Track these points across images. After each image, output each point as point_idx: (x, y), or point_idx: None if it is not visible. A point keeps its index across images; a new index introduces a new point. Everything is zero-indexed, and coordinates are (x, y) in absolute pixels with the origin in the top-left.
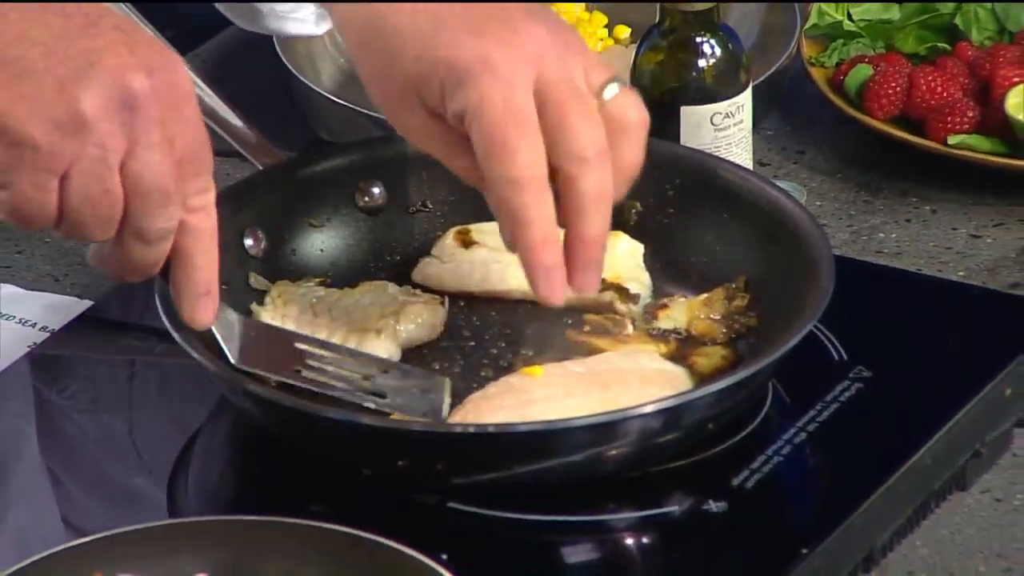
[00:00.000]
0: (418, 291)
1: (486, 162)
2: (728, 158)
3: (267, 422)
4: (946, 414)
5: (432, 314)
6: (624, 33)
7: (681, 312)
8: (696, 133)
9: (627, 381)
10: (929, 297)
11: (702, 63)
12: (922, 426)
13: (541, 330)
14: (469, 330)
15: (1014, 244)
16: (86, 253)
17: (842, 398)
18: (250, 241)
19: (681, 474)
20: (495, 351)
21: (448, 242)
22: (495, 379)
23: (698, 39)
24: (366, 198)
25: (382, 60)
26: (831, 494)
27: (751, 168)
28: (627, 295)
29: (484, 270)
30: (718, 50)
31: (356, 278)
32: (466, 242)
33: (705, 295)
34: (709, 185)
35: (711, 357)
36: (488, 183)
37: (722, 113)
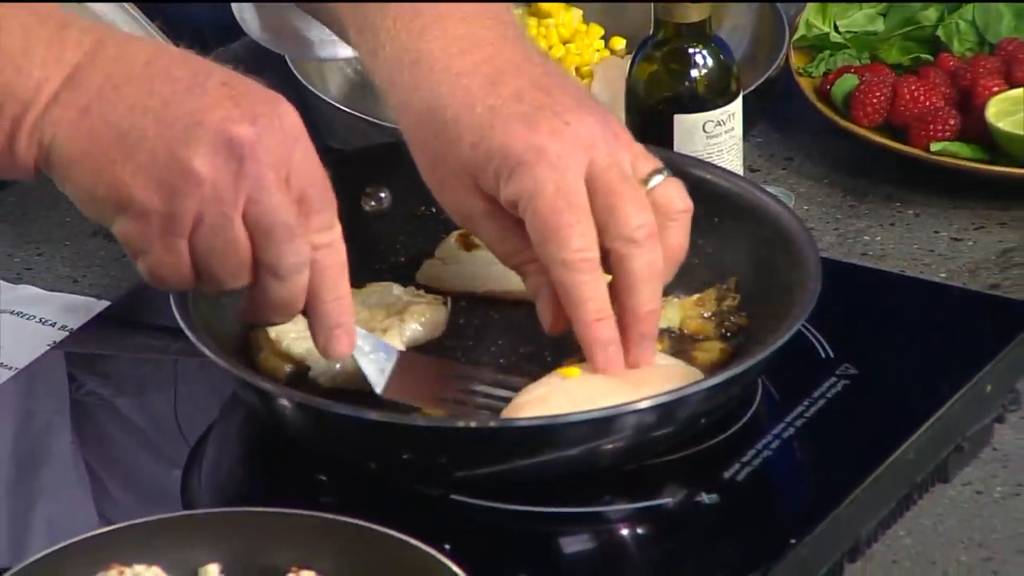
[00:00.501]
0: (422, 292)
1: (541, 246)
2: (720, 164)
3: (277, 418)
4: (929, 410)
5: (435, 314)
6: (620, 44)
7: (675, 312)
8: (689, 140)
9: (651, 379)
10: (912, 297)
11: (695, 73)
12: (906, 421)
13: (540, 329)
14: (471, 329)
15: (994, 247)
16: (103, 255)
17: (829, 394)
18: None
19: (675, 467)
20: (495, 349)
21: (451, 244)
22: (494, 377)
23: (691, 50)
24: (372, 202)
25: (440, 145)
26: (818, 486)
27: (741, 174)
28: None
29: (485, 271)
30: (710, 61)
31: (363, 279)
32: (468, 244)
33: (697, 295)
34: (701, 190)
35: (710, 352)
36: (544, 265)
37: (714, 121)
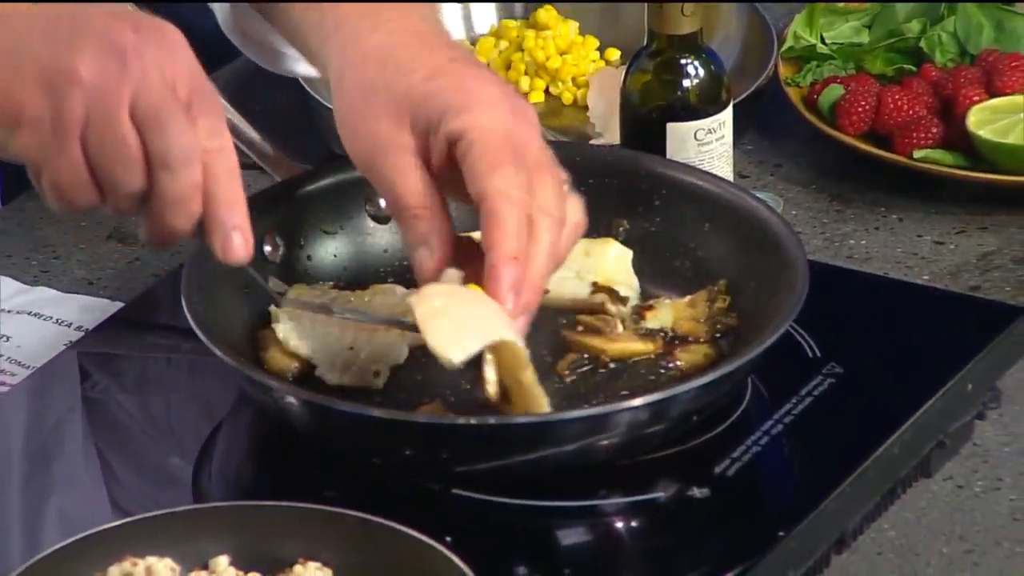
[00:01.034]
0: None
1: (484, 178)
2: (711, 171)
3: (284, 415)
4: (912, 407)
5: None
6: (614, 55)
7: (667, 313)
8: (681, 148)
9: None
10: (896, 299)
11: (687, 83)
12: (890, 418)
13: (536, 329)
14: None
15: (974, 250)
16: (117, 259)
17: (816, 392)
18: (268, 247)
19: (667, 462)
20: None
21: None
22: None
23: (683, 61)
24: (375, 207)
25: (386, 76)
26: (806, 481)
27: (732, 180)
28: (617, 297)
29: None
30: (701, 71)
31: (366, 281)
32: None
33: (689, 297)
34: (693, 196)
35: (694, 354)
36: (478, 195)
37: (705, 129)
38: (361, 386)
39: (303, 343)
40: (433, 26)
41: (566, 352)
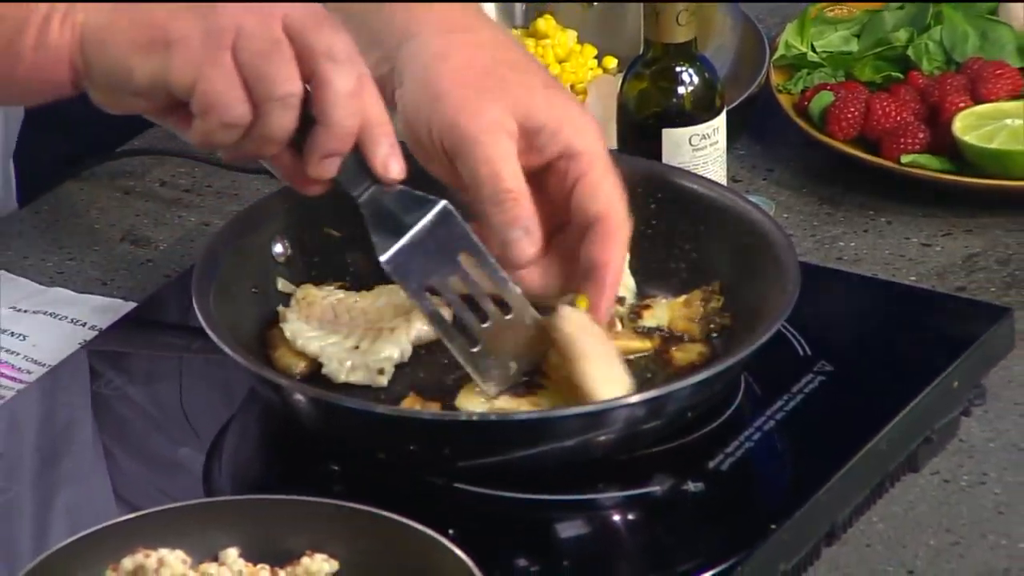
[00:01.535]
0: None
1: (608, 199)
2: (705, 175)
3: (292, 412)
4: (900, 404)
5: None
6: (612, 63)
7: (663, 312)
8: (676, 153)
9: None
10: (885, 299)
11: (681, 90)
12: (878, 415)
13: None
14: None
15: (960, 252)
16: (130, 260)
17: (807, 390)
18: (278, 249)
19: (663, 457)
20: None
21: None
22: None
23: (678, 69)
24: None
25: (504, 70)
26: (797, 475)
27: (725, 184)
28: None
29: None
30: (696, 79)
31: (372, 282)
32: None
33: (684, 297)
34: (688, 199)
35: (688, 352)
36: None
37: (699, 135)
38: (366, 384)
39: (310, 342)
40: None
41: None
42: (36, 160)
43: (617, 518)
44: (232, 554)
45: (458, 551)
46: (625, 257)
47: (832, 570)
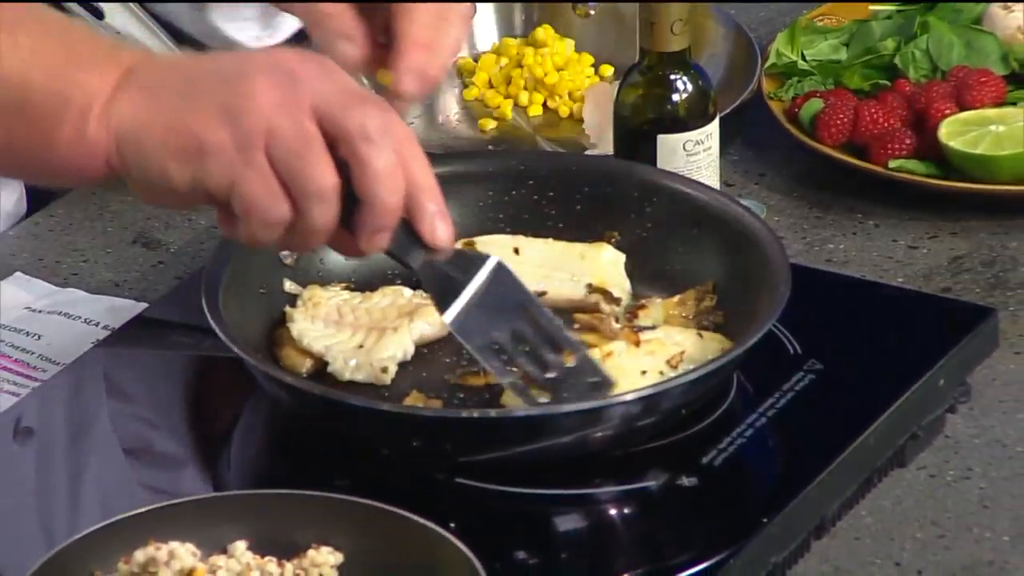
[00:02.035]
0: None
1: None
2: (699, 179)
3: (297, 408)
4: (887, 401)
5: None
6: (608, 71)
7: (658, 311)
8: (671, 158)
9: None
10: (873, 300)
11: (676, 97)
12: (867, 411)
13: None
14: None
15: (945, 254)
16: (142, 262)
17: (797, 387)
18: (285, 251)
19: (658, 453)
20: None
21: None
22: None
23: (672, 77)
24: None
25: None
26: (788, 470)
27: (718, 188)
28: (610, 297)
29: None
30: (690, 86)
31: (376, 283)
32: None
33: (678, 296)
34: (682, 203)
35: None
36: None
37: (693, 141)
38: (370, 382)
39: (316, 341)
40: None
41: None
42: None
43: (613, 512)
44: (240, 547)
45: (459, 544)
46: (446, 38)
47: (822, 562)
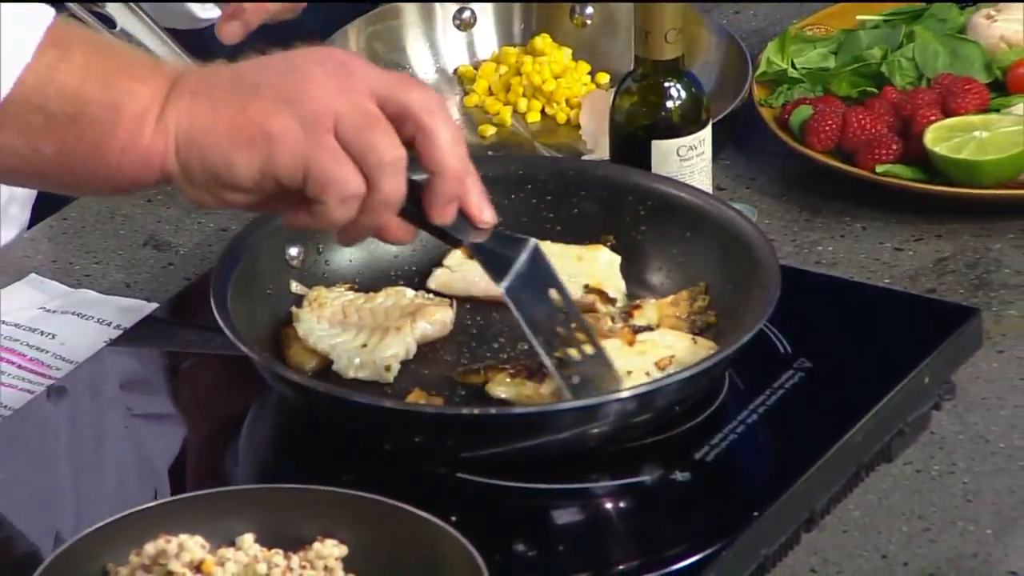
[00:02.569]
0: (431, 295)
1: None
2: (692, 184)
3: (303, 405)
4: (874, 398)
5: (443, 314)
6: (604, 79)
7: (652, 311)
8: (664, 163)
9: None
10: (860, 300)
11: (670, 104)
12: (854, 408)
13: None
14: (475, 328)
15: (931, 256)
16: (152, 263)
17: (787, 385)
18: (292, 252)
19: (652, 449)
20: (496, 345)
21: (457, 254)
22: (496, 370)
23: (666, 84)
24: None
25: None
26: (778, 465)
27: (711, 192)
28: (606, 298)
29: (487, 278)
30: (683, 93)
31: (379, 284)
32: (472, 255)
33: (672, 297)
34: (675, 206)
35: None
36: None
37: (686, 146)
38: (373, 379)
39: (321, 340)
40: None
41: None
42: None
43: (609, 506)
44: (248, 539)
45: (460, 536)
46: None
47: (811, 555)
